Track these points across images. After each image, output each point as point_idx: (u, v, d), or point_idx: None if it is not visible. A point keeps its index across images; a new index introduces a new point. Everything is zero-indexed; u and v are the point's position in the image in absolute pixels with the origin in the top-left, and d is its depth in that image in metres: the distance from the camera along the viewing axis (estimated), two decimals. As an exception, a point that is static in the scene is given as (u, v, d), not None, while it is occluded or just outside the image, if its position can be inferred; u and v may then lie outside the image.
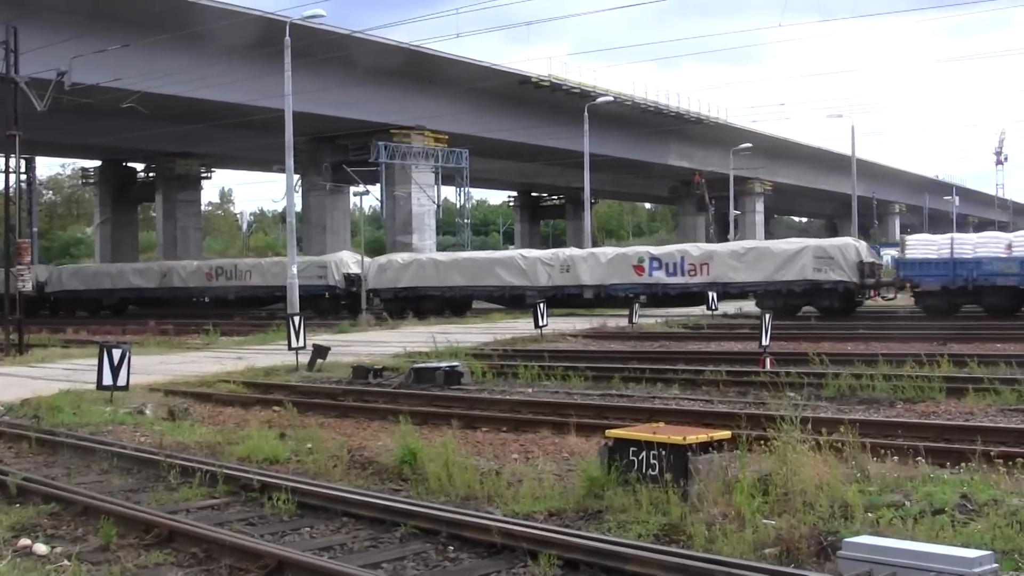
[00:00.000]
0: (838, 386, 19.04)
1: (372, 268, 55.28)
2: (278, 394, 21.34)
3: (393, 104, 63.82)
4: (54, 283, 69.47)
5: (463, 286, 53.15)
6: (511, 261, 53.15)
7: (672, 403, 18.68)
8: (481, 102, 67.83)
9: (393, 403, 19.47)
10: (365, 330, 42.79)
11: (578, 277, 50.64)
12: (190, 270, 63.76)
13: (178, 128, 63.57)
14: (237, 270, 61.21)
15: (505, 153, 79.90)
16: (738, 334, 34.76)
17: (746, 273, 46.84)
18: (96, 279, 67.84)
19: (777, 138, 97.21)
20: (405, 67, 62.32)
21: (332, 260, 57.05)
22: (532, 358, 26.02)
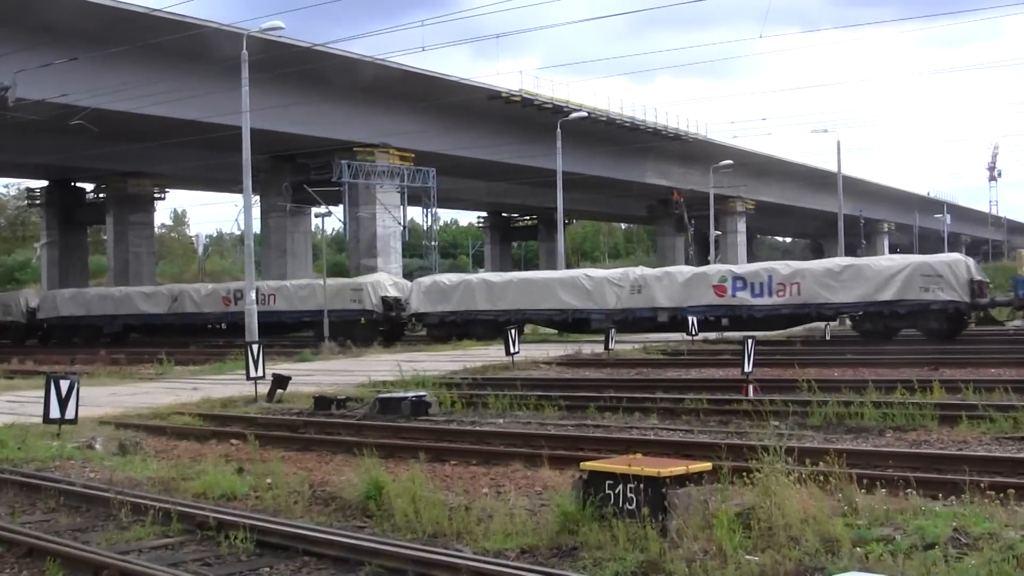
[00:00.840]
0: (825, 414, 19.08)
1: (415, 290, 54.16)
2: (236, 426, 21.25)
3: (356, 121, 63.85)
4: (47, 309, 67.56)
5: (519, 309, 51.48)
6: (574, 282, 51.31)
7: (650, 433, 18.67)
8: (449, 118, 67.92)
9: (357, 435, 19.40)
10: (328, 358, 42.69)
11: (652, 299, 48.80)
12: (204, 294, 62.21)
13: (130, 146, 63.39)
14: (258, 294, 59.21)
15: (474, 172, 79.96)
16: (720, 360, 34.81)
17: (842, 293, 44.89)
18: (98, 304, 65.81)
19: (759, 154, 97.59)
20: (369, 82, 62.35)
21: (368, 282, 55.72)
22: (503, 387, 25.98)
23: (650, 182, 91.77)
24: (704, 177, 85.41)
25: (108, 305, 64.94)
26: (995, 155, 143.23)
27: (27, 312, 68.26)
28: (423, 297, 53.59)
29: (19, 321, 68.52)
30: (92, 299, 66.47)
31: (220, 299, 60.81)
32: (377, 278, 57.22)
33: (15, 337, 67.99)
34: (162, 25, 50.11)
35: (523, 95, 70.04)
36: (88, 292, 68.65)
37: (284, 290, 58.74)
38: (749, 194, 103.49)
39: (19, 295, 71.16)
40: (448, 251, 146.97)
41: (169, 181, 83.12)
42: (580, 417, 21.42)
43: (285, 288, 58.89)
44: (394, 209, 67.96)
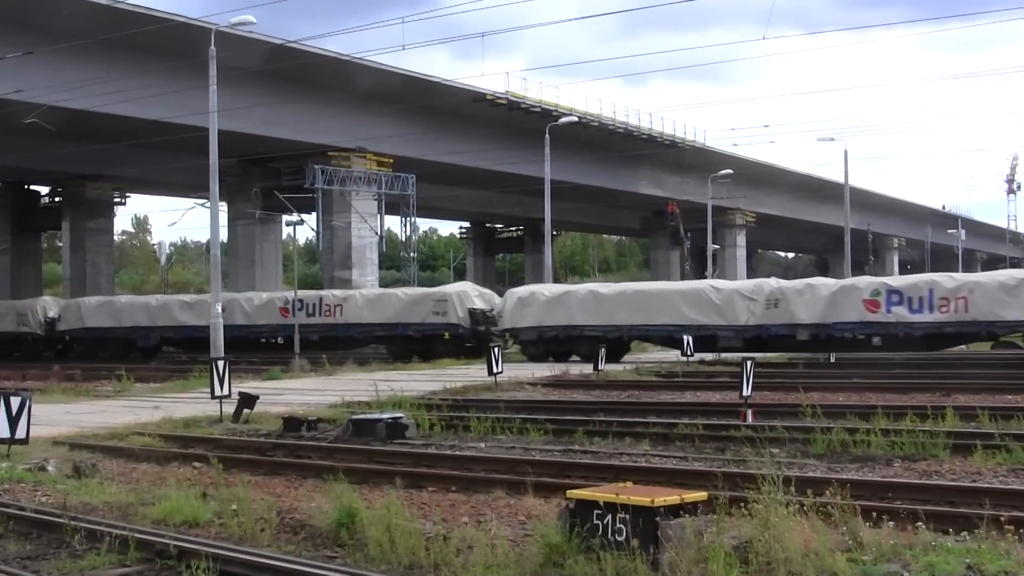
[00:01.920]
0: (828, 442, 19.10)
1: (508, 303, 51.83)
2: (199, 448, 21.20)
3: (331, 123, 63.89)
4: (70, 319, 65.07)
5: (633, 325, 49.15)
6: (698, 295, 48.51)
7: (641, 460, 18.67)
8: (430, 122, 68.00)
9: (329, 459, 19.36)
10: (298, 377, 42.66)
11: (790, 314, 46.21)
12: (258, 303, 59.21)
13: (88, 147, 63.25)
14: (323, 304, 57.04)
15: (456, 179, 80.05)
16: (716, 383, 34.83)
17: (1018, 310, 43.17)
18: (129, 314, 63.20)
19: (761, 164, 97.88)
20: (344, 82, 62.41)
21: (454, 293, 53.84)
22: (486, 409, 25.99)
23: (644, 192, 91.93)
24: (702, 187, 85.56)
25: (142, 315, 62.43)
26: (1014, 166, 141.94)
27: (45, 322, 66.23)
28: (518, 310, 51.27)
29: (36, 333, 66.47)
30: (123, 308, 64.19)
31: (277, 310, 58.28)
32: (463, 288, 55.49)
33: (30, 351, 66.05)
34: (125, 18, 50.12)
35: (509, 97, 70.16)
36: (118, 301, 66.25)
37: (353, 301, 56.41)
38: (749, 206, 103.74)
39: (36, 303, 68.11)
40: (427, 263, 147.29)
41: (130, 185, 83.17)
42: (567, 442, 21.41)
43: (354, 299, 56.65)
44: (371, 218, 67.97)
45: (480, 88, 68.12)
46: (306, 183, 63.59)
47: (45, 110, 48.65)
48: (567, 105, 73.48)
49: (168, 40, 51.07)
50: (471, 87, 67.58)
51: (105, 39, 49.49)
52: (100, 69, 51.20)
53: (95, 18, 49.73)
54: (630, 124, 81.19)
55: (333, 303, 56.44)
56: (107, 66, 51.73)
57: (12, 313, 67.72)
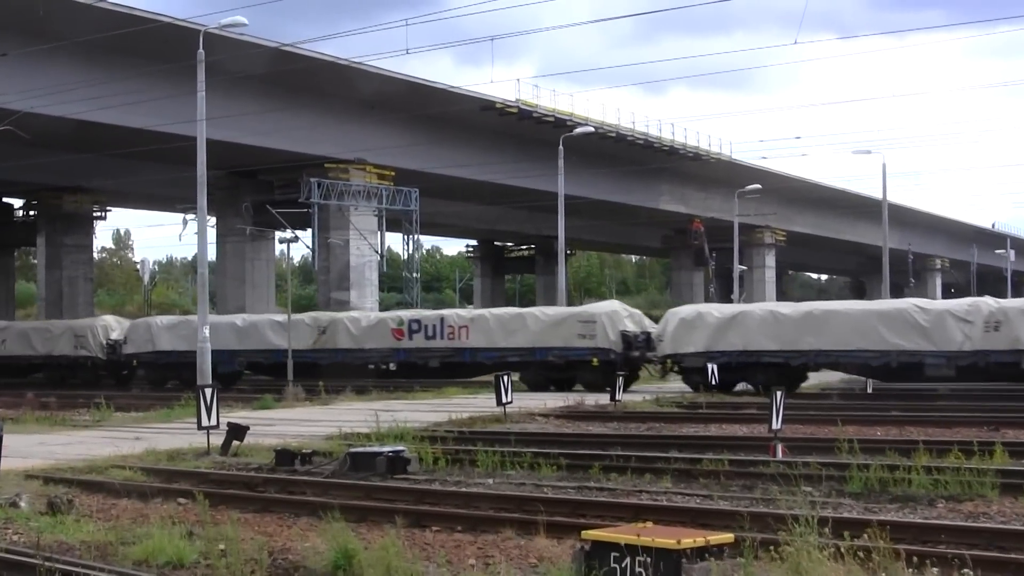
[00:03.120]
0: (866, 480, 19.05)
1: (669, 324, 48.91)
2: (184, 483, 21.18)
3: (328, 133, 63.95)
4: (138, 341, 61.59)
5: (821, 350, 46.06)
6: (901, 316, 44.93)
7: (663, 499, 18.64)
8: (435, 132, 68.06)
9: (325, 495, 19.35)
10: (291, 406, 42.62)
11: (1015, 339, 42.74)
12: (366, 324, 56.36)
13: (66, 157, 63.47)
14: (445, 325, 54.32)
15: (463, 193, 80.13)
16: (743, 415, 34.77)
17: None
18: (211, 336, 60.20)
19: (792, 178, 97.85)
20: (343, 89, 62.50)
21: (603, 313, 51.07)
22: (494, 442, 25.95)
23: (665, 208, 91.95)
24: (728, 203, 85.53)
25: (227, 337, 58.00)
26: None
27: (107, 345, 63.26)
28: (681, 333, 48.21)
29: (96, 357, 63.30)
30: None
31: (389, 332, 55.30)
32: (612, 307, 52.70)
33: (89, 377, 63.18)
34: (107, 18, 50.19)
35: (520, 106, 70.20)
36: (194, 321, 59.89)
37: (481, 322, 53.76)
38: (780, 224, 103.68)
39: (96, 323, 65.05)
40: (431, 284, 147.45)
41: (111, 198, 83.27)
42: (582, 478, 21.38)
43: (483, 320, 54.03)
44: (370, 235, 68.00)
45: (489, 96, 68.18)
46: (301, 197, 63.63)
47: (19, 117, 48.69)
48: (582, 114, 73.54)
49: (153, 42, 51.18)
50: (479, 94, 67.63)
51: (85, 41, 49.57)
52: (79, 73, 51.27)
53: (74, 18, 49.81)
54: (650, 135, 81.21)
55: (458, 324, 53.81)
56: (87, 70, 51.82)
57: (68, 334, 64.71)
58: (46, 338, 65.46)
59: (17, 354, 66.93)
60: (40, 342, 65.69)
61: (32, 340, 66.35)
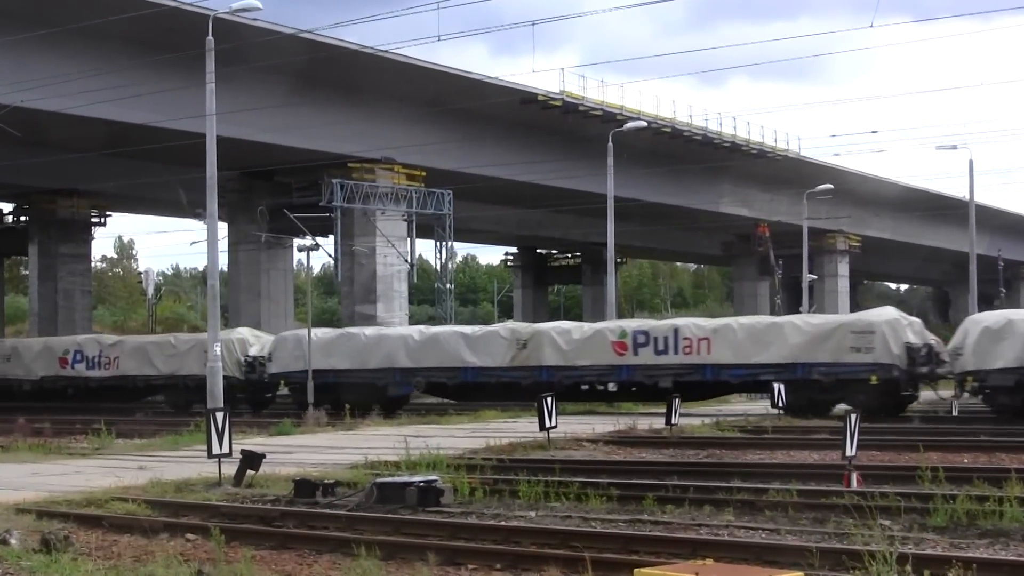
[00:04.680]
0: (951, 512, 18.98)
1: (970, 336, 46.21)
2: (194, 517, 21.25)
3: (352, 129, 64.05)
4: (285, 359, 58.13)
5: None
6: None
7: (724, 533, 18.64)
8: (470, 128, 68.10)
9: (349, 530, 19.40)
10: (312, 431, 42.74)
11: None
12: (579, 337, 53.18)
13: (61, 157, 63.75)
14: (680, 338, 51.12)
15: (501, 196, 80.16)
16: (813, 441, 34.71)
17: None
18: (379, 352, 56.56)
19: (867, 177, 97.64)
20: (368, 80, 62.62)
21: (882, 322, 48.35)
22: (537, 470, 25.94)
23: (726, 211, 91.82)
24: (796, 206, 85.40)
25: (400, 353, 55.98)
26: None
27: (246, 364, 59.91)
28: (986, 344, 45.24)
29: (233, 376, 58.26)
30: (369, 345, 57.20)
31: (608, 345, 52.20)
32: (891, 314, 49.64)
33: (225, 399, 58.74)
34: (108, 2, 50.28)
35: (565, 98, 70.21)
36: (362, 335, 58.69)
37: (726, 334, 50.64)
38: (854, 228, 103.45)
39: (232, 336, 60.93)
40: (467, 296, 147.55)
41: (111, 202, 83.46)
42: (634, 511, 21.36)
43: (728, 331, 50.83)
44: (399, 242, 68.09)
45: (530, 87, 68.18)
46: (322, 200, 63.75)
47: (8, 112, 49.01)
48: (633, 108, 73.54)
49: (158, 29, 51.41)
50: (519, 86, 67.59)
51: (82, 27, 49.73)
52: (75, 64, 51.45)
53: (70, 2, 50.03)
54: (709, 130, 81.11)
55: (696, 336, 50.65)
56: (83, 60, 52.02)
57: (197, 351, 60.21)
58: (169, 355, 62.64)
59: (132, 373, 63.65)
60: (161, 360, 62.72)
61: (152, 357, 63.20)
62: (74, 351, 65.56)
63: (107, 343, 65.69)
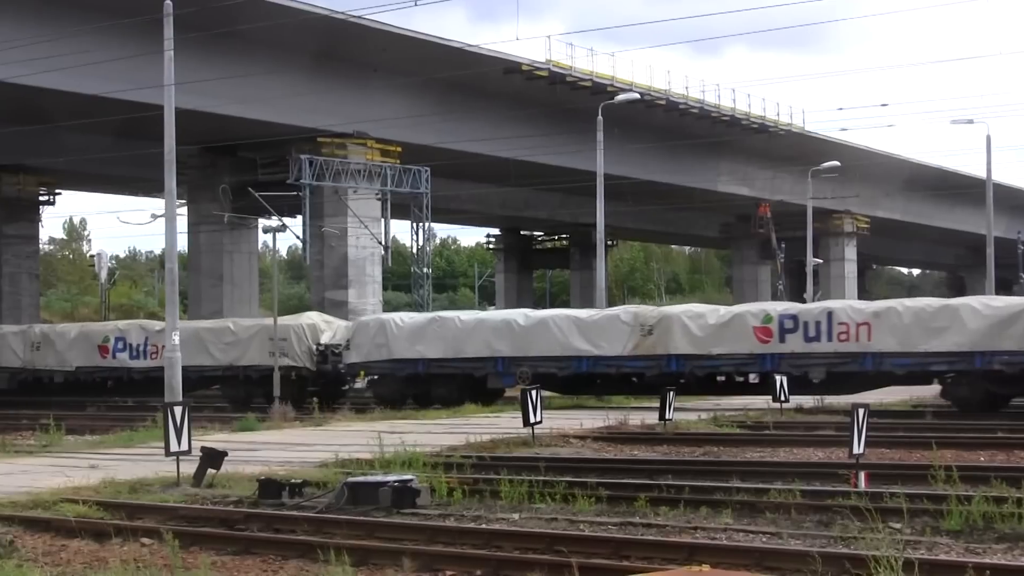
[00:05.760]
0: (966, 514, 19.00)
1: None
2: (150, 520, 21.23)
3: (322, 101, 63.99)
4: (366, 347, 55.21)
5: None
6: None
7: (722, 537, 18.66)
8: (449, 100, 68.06)
9: (318, 534, 19.40)
10: (279, 427, 42.67)
11: None
12: (715, 322, 50.61)
13: (7, 131, 63.51)
14: (834, 322, 48.90)
15: (483, 173, 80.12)
16: (818, 437, 34.71)
17: None
18: (478, 338, 54.10)
19: (876, 153, 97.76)
20: (339, 48, 62.54)
21: None
22: (521, 469, 25.93)
23: (725, 190, 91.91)
24: (800, 184, 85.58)
25: (501, 340, 53.62)
26: None
27: (317, 353, 57.37)
28: None
29: (303, 367, 56.90)
30: (466, 330, 54.61)
31: (750, 332, 49.93)
32: None
33: (293, 392, 55.90)
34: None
35: (551, 68, 70.23)
36: (457, 320, 56.08)
37: (891, 317, 48.03)
38: (862, 208, 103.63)
39: (301, 322, 58.61)
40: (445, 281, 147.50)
41: (61, 180, 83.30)
42: (625, 513, 21.39)
43: (894, 313, 48.25)
44: (372, 223, 68.03)
45: (513, 56, 68.23)
46: (289, 178, 63.59)
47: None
48: (625, 78, 73.58)
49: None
50: (502, 55, 67.64)
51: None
52: (23, 29, 51.36)
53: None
54: (707, 103, 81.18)
55: (855, 320, 48.11)
56: (33, 25, 51.90)
57: (261, 338, 58.16)
58: (228, 343, 59.43)
59: (184, 363, 53.48)
60: (219, 348, 59.37)
61: (208, 345, 59.46)
62: (115, 338, 61.89)
63: (154, 329, 60.59)
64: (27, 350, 64.09)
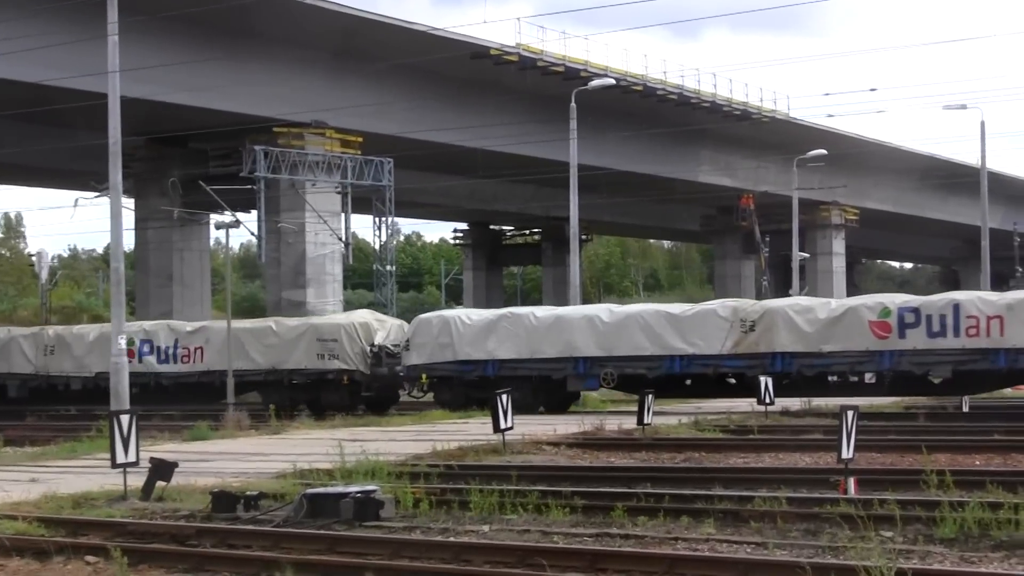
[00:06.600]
0: (961, 521, 19.05)
1: None
2: (95, 536, 21.18)
3: (277, 88, 63.92)
4: (430, 347, 53.88)
5: None
6: None
7: (703, 548, 18.69)
8: (414, 87, 68.08)
9: (275, 549, 19.37)
10: (233, 435, 42.60)
11: None
12: (828, 316, 49.35)
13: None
14: (961, 315, 47.26)
15: (450, 165, 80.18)
16: (805, 441, 34.80)
17: None
18: (555, 337, 52.69)
19: (866, 141, 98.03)
20: (295, 32, 62.47)
21: None
22: (491, 478, 25.94)
23: (706, 181, 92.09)
24: (785, 174, 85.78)
25: (581, 338, 52.23)
26: None
27: (370, 355, 56.11)
28: None
29: (355, 370, 55.85)
30: (539, 328, 53.15)
31: (865, 327, 48.45)
32: None
33: (339, 399, 56.07)
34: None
35: (521, 52, 70.26)
36: (528, 317, 54.39)
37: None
38: (850, 199, 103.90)
39: (353, 321, 57.60)
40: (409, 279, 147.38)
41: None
42: (601, 523, 21.41)
43: None
44: (332, 218, 67.98)
45: (481, 40, 68.28)
46: (243, 170, 63.39)
47: None
48: (599, 63, 73.69)
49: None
50: (469, 38, 67.71)
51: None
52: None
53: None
54: (686, 88, 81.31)
55: (985, 313, 46.67)
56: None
57: (308, 338, 57.13)
58: (269, 344, 57.87)
59: (222, 368, 57.55)
60: (260, 350, 57.87)
61: (247, 347, 58.00)
62: (141, 341, 59.63)
63: (184, 331, 60.19)
64: (39, 354, 62.48)
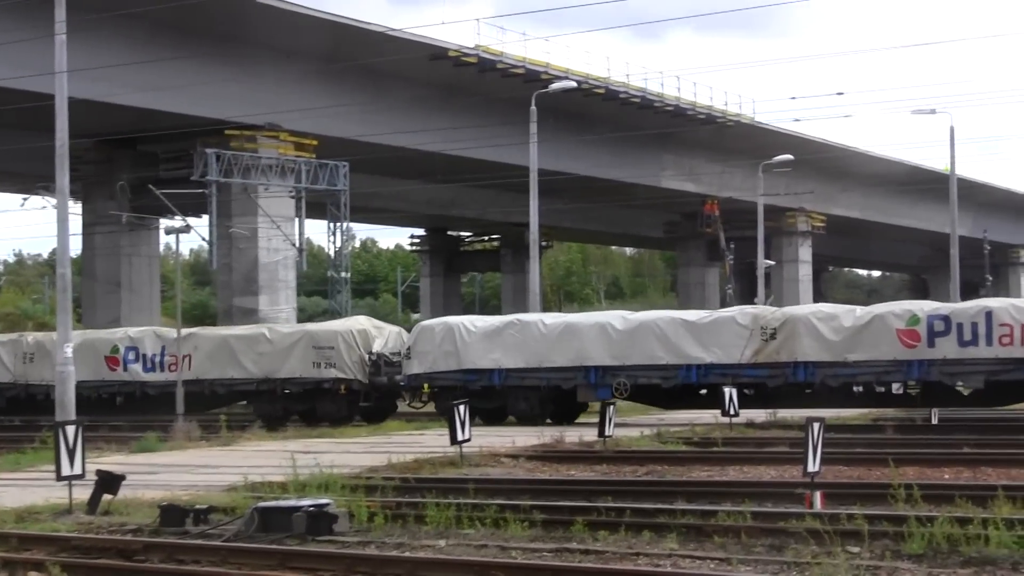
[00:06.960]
0: (929, 536, 19.09)
1: None
2: (38, 551, 21.10)
3: (229, 89, 63.78)
4: (433, 356, 52.88)
5: None
6: None
7: (666, 563, 18.69)
8: (370, 89, 68.09)
9: (225, 564, 19.35)
10: (182, 447, 42.49)
11: None
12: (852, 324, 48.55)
13: None
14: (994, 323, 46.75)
15: (406, 169, 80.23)
16: (770, 454, 34.86)
17: None
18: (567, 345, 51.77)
19: (833, 146, 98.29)
20: (248, 32, 62.44)
21: None
22: (448, 491, 25.92)
23: (669, 186, 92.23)
24: (750, 180, 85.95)
25: (592, 347, 51.56)
26: None
27: (369, 364, 55.47)
28: None
29: (353, 379, 55.24)
30: (547, 336, 52.39)
31: (892, 335, 47.94)
32: None
33: (336, 409, 55.87)
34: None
35: (481, 54, 70.26)
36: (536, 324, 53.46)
37: None
38: (817, 206, 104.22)
39: (350, 328, 56.79)
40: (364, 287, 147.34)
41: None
42: (561, 538, 21.40)
43: None
44: (286, 223, 67.89)
45: (439, 41, 68.30)
46: (194, 174, 63.38)
47: None
48: (560, 65, 73.73)
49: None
50: (427, 39, 67.71)
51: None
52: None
53: None
54: (649, 91, 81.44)
55: (1019, 321, 45.97)
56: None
57: (303, 345, 56.57)
58: (261, 352, 57.06)
59: (211, 376, 57.57)
60: (252, 358, 57.09)
61: (238, 355, 57.46)
62: (126, 348, 59.22)
63: (171, 337, 58.52)
64: (18, 362, 61.44)
